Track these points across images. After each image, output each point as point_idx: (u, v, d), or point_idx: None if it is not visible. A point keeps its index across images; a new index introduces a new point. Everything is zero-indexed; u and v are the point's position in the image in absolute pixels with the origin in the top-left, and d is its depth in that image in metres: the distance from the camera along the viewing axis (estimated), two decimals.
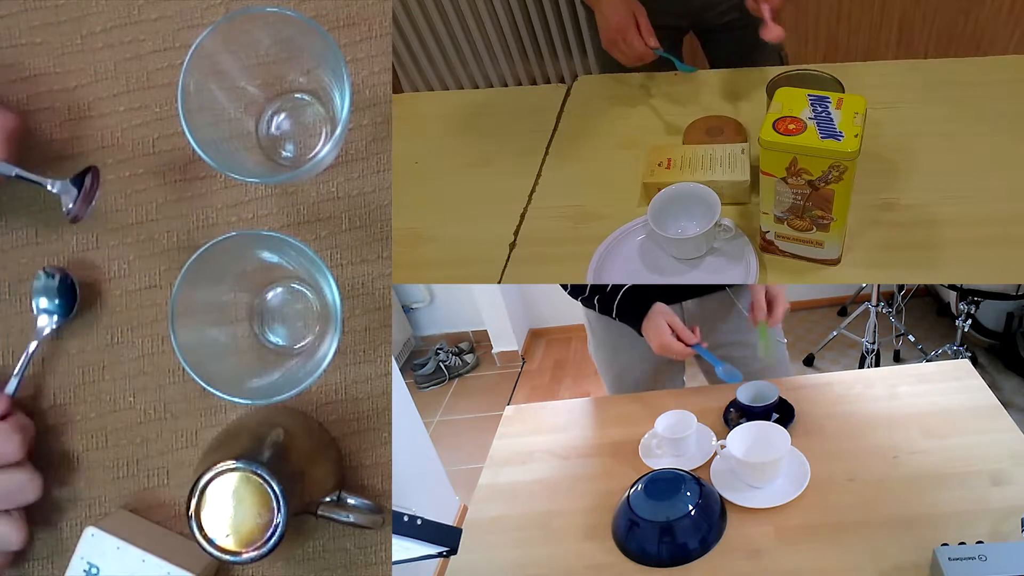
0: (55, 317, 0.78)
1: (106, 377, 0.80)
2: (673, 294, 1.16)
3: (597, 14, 1.08)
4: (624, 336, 1.21)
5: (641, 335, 1.17)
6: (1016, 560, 0.71)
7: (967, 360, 1.15)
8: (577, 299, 1.23)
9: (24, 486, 0.71)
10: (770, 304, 1.13)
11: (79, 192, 0.72)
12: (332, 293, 0.64)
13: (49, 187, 0.72)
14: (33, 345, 0.78)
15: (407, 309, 3.16)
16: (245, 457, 0.63)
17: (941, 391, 1.08)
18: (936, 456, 0.94)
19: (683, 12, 1.22)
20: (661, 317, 1.14)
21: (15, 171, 0.70)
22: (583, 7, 1.88)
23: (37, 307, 0.78)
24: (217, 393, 0.63)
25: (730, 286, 1.17)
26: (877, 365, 2.25)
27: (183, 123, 0.64)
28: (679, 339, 1.13)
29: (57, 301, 0.78)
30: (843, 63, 1.08)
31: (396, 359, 2.78)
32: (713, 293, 1.19)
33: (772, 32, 0.94)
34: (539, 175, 1.04)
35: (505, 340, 3.02)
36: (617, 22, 1.05)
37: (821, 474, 0.93)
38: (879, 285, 2.27)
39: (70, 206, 0.72)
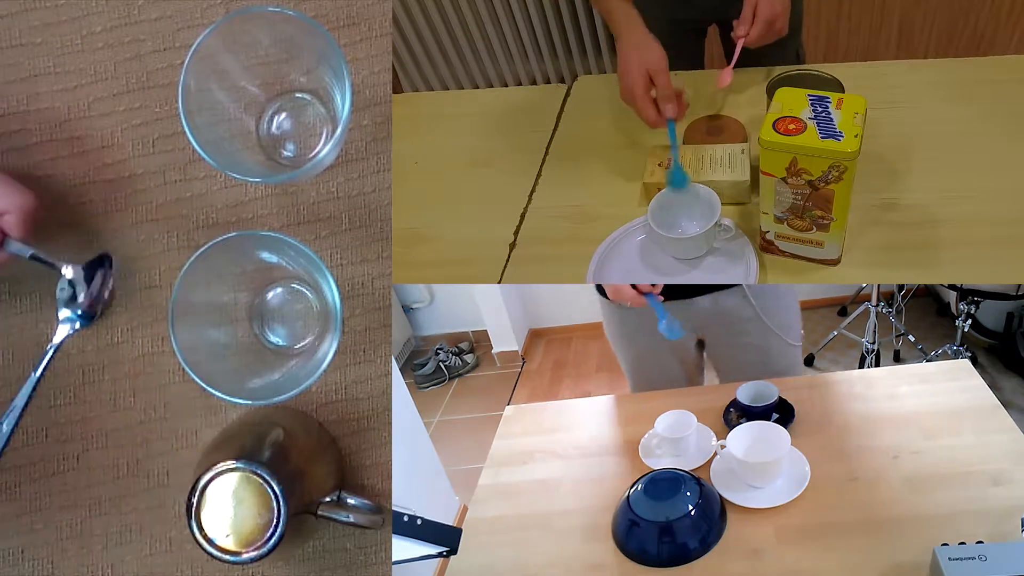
0: (76, 325, 0.79)
1: (106, 377, 0.80)
2: (686, 289, 1.14)
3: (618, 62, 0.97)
4: (641, 326, 1.19)
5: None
6: (1016, 560, 0.71)
7: (967, 360, 1.15)
8: None
9: None
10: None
11: (88, 286, 0.74)
12: (332, 293, 0.64)
13: (64, 272, 0.73)
14: (50, 354, 0.78)
15: (407, 309, 3.16)
16: (245, 457, 0.63)
17: (941, 391, 1.08)
18: (936, 456, 0.94)
19: (707, 6, 1.22)
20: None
21: (30, 252, 0.71)
22: (584, 7, 1.88)
23: (59, 317, 0.79)
24: (217, 393, 0.63)
25: (749, 285, 1.15)
26: (877, 365, 2.25)
27: (184, 123, 0.64)
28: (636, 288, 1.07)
29: (80, 311, 0.79)
30: (843, 63, 1.08)
31: (396, 359, 2.78)
32: (729, 289, 1.17)
33: (724, 76, 0.97)
34: (539, 175, 1.04)
35: (505, 340, 3.02)
36: (627, 84, 0.94)
37: (821, 474, 0.93)
38: (879, 285, 2.27)
39: (80, 298, 0.74)
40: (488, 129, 1.14)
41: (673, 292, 1.14)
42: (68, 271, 0.73)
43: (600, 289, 1.21)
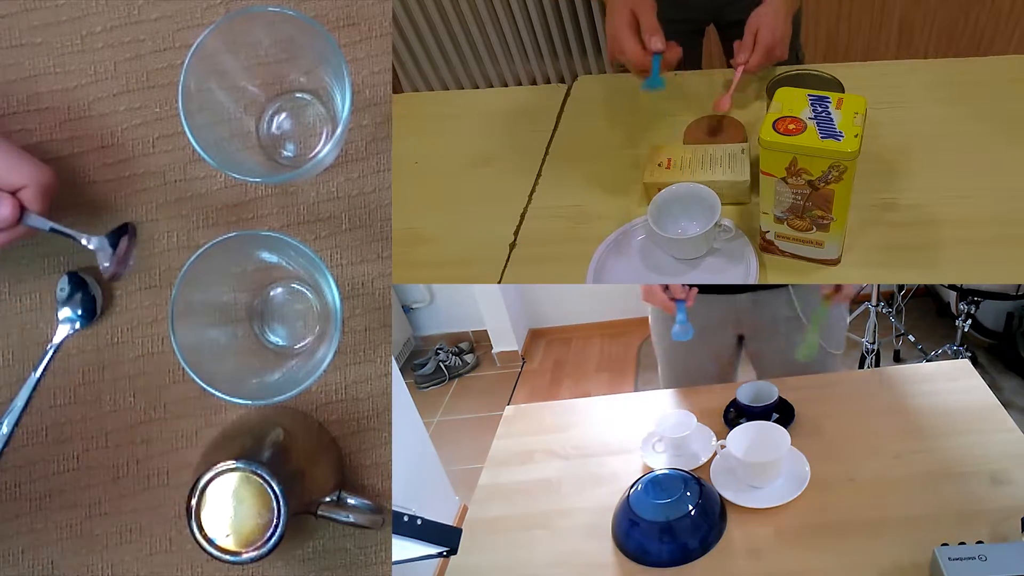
0: (76, 325, 0.79)
1: (106, 377, 0.80)
2: (730, 284, 1.12)
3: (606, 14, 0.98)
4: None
5: None
6: (1016, 560, 0.71)
7: (967, 360, 1.15)
8: None
9: None
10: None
11: (114, 251, 0.72)
12: (332, 293, 0.64)
13: (85, 242, 0.72)
14: (50, 354, 0.78)
15: (407, 309, 3.16)
16: (245, 457, 0.63)
17: (941, 391, 1.08)
18: (936, 456, 0.94)
19: (705, 6, 1.21)
20: None
21: (50, 225, 0.70)
22: (584, 6, 1.88)
23: (59, 317, 0.79)
24: (217, 393, 0.63)
25: (794, 286, 1.14)
26: (877, 365, 2.25)
27: (184, 123, 0.64)
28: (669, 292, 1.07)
29: (80, 311, 0.79)
30: (843, 63, 1.08)
31: (396, 359, 2.78)
32: (773, 288, 1.16)
33: (723, 103, 0.96)
34: (539, 175, 1.04)
35: (505, 340, 3.02)
36: (613, 26, 0.93)
37: (821, 474, 0.93)
38: (879, 285, 2.27)
39: (106, 264, 0.72)
40: (488, 129, 1.14)
41: (717, 287, 1.13)
42: (91, 242, 0.72)
43: None
